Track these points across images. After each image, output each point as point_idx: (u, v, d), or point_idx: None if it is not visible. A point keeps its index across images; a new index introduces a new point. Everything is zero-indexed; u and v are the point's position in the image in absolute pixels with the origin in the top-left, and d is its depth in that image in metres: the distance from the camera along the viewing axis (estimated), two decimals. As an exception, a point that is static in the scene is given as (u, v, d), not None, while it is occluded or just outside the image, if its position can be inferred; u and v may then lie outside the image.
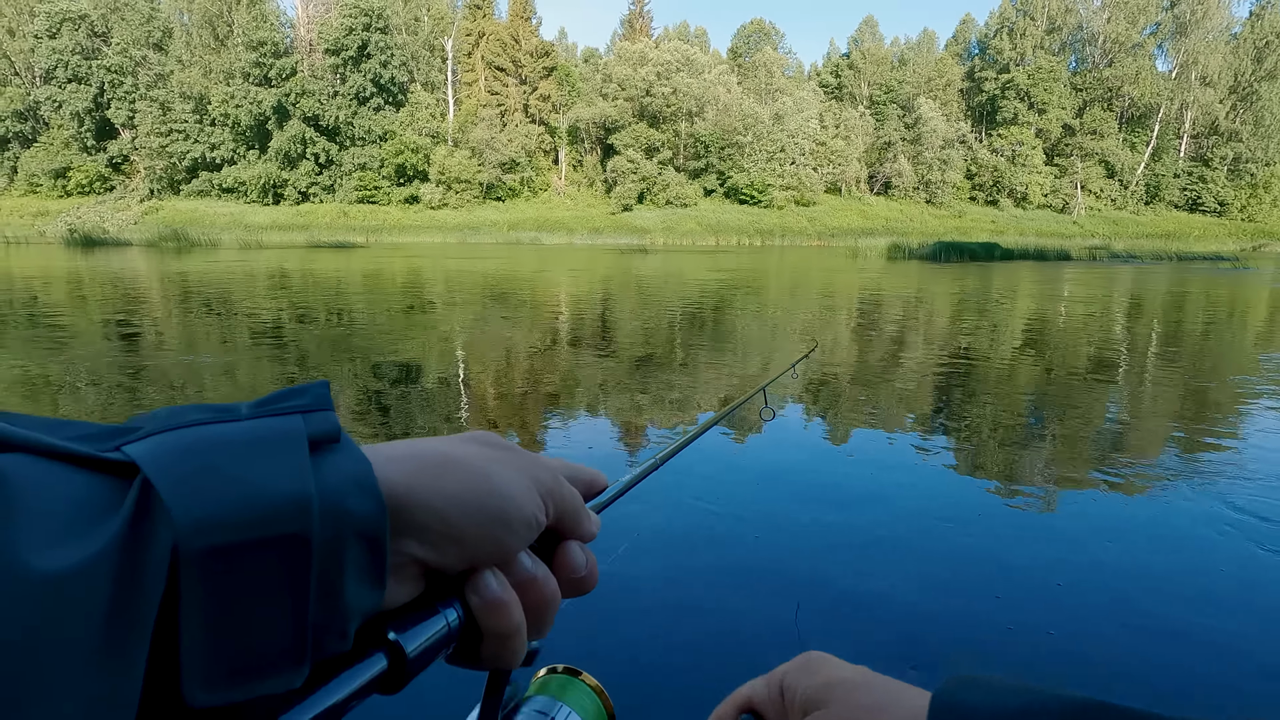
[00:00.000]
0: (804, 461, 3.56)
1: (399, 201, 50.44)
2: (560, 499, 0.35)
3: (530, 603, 0.33)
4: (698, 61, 52.92)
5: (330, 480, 0.25)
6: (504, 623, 0.31)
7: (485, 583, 0.31)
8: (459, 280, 15.08)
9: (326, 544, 0.24)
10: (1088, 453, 3.72)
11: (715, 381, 5.36)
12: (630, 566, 2.37)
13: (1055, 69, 57.48)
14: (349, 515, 0.25)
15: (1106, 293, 14.06)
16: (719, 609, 2.14)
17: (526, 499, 0.33)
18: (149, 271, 16.32)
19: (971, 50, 64.21)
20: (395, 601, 0.29)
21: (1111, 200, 59.64)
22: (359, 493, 0.26)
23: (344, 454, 0.26)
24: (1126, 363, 6.42)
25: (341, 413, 4.43)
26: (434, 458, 0.30)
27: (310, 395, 0.28)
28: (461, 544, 0.30)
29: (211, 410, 0.25)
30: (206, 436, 0.24)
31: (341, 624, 0.25)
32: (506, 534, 0.31)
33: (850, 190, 57.56)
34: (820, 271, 19.87)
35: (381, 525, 0.26)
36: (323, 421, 0.26)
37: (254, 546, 0.22)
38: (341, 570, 0.25)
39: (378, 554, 0.26)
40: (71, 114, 49.05)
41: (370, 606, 0.27)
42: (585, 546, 0.37)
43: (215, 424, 0.25)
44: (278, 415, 0.26)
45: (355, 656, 0.26)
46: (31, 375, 5.27)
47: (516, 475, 0.33)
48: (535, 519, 0.33)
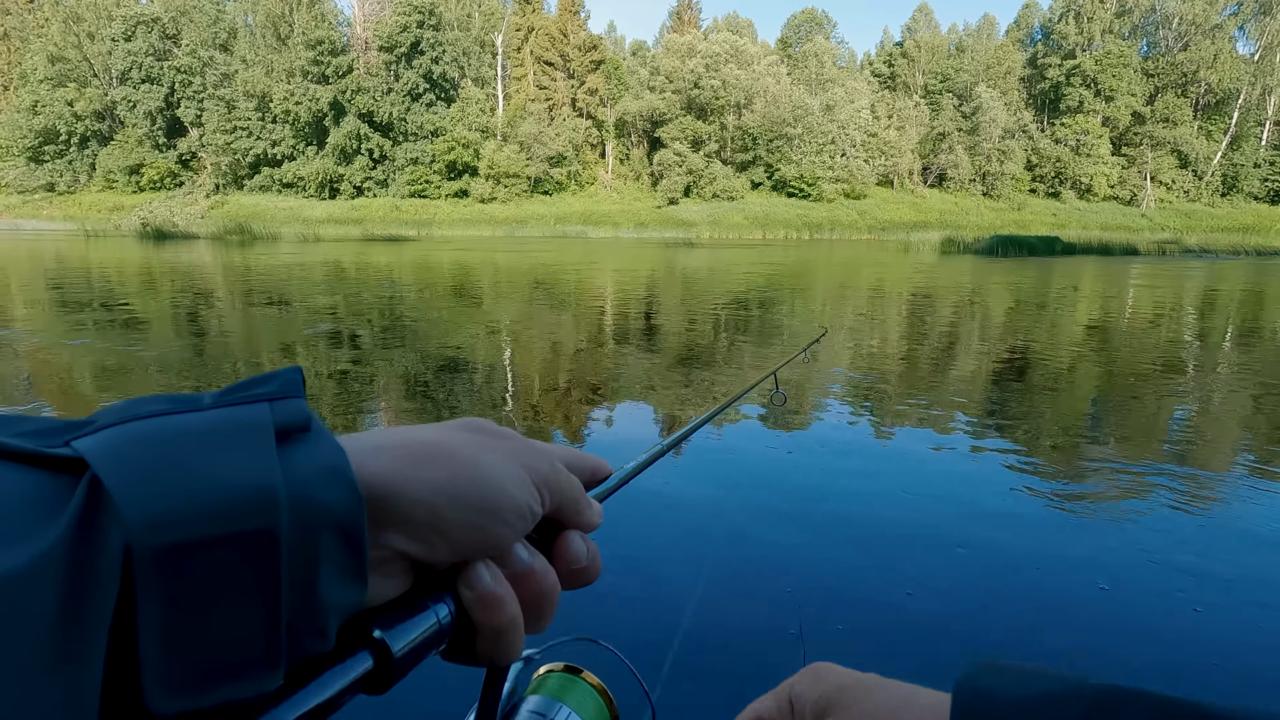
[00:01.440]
0: (825, 455, 3.48)
1: (449, 196, 51.42)
2: (558, 487, 0.34)
3: (527, 595, 0.31)
4: (747, 52, 52.28)
5: (299, 471, 0.24)
6: (498, 617, 0.30)
7: (478, 576, 0.30)
8: (507, 273, 15.30)
9: (297, 539, 0.23)
10: (1142, 460, 3.56)
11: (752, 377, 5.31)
12: (636, 560, 2.35)
13: (1125, 54, 54.69)
14: (321, 507, 0.24)
15: (1176, 290, 13.37)
16: (729, 607, 2.10)
17: (519, 488, 0.31)
18: (223, 263, 17.05)
19: (1034, 36, 61.65)
20: (382, 597, 0.28)
21: (1184, 192, 56.56)
22: (332, 483, 0.24)
23: (315, 443, 0.25)
24: (1195, 364, 6.10)
25: (394, 394, 4.56)
26: (418, 446, 0.29)
27: (278, 382, 0.26)
28: (449, 536, 0.29)
29: (171, 401, 0.24)
30: (162, 429, 0.23)
31: (320, 622, 0.24)
32: (497, 525, 0.30)
33: (903, 182, 56.10)
34: (870, 266, 19.44)
35: (358, 517, 0.25)
36: (291, 410, 0.25)
37: (213, 544, 0.21)
38: (316, 566, 0.24)
39: (356, 548, 0.25)
40: (144, 113, 51.50)
41: (352, 603, 0.25)
42: (587, 536, 0.35)
43: (172, 415, 0.23)
44: (241, 404, 0.25)
45: (338, 656, 0.25)
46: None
47: (508, 463, 0.31)
48: (529, 509, 0.31)
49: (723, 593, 2.18)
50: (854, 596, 2.19)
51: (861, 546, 2.52)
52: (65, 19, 51.07)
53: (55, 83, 50.86)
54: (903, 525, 2.68)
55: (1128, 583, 2.28)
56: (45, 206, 50.12)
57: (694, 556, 2.42)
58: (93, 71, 52.20)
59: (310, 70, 50.18)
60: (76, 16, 51.29)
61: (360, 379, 5.13)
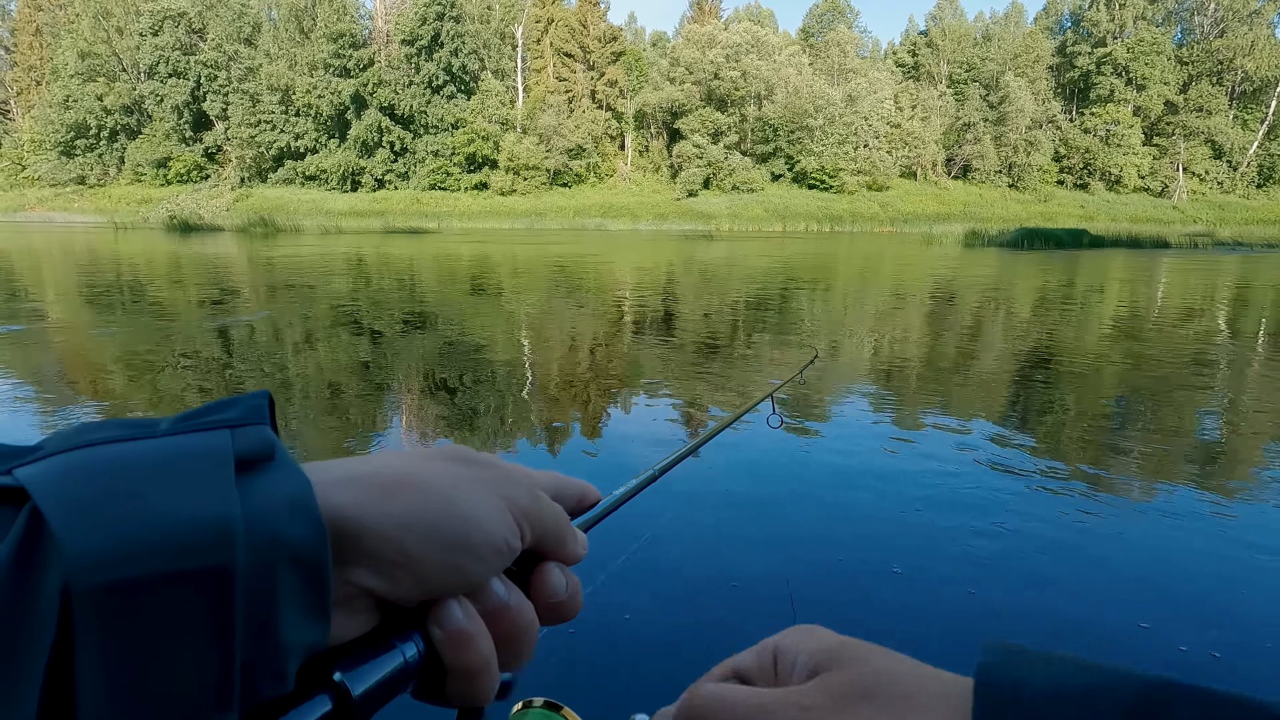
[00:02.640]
0: (826, 475, 3.25)
1: (469, 188, 51.64)
2: (539, 520, 0.31)
3: (501, 632, 0.29)
4: (768, 43, 51.73)
5: (260, 503, 0.22)
6: (470, 657, 0.28)
7: (448, 613, 0.28)
8: (527, 265, 15.33)
9: (255, 575, 0.21)
10: (1168, 469, 3.47)
11: (770, 376, 5.27)
12: (622, 590, 2.19)
13: (1159, 41, 53.23)
14: (281, 541, 0.22)
15: (1209, 283, 13.03)
16: (719, 643, 1.96)
17: (495, 522, 0.29)
18: (250, 255, 17.31)
19: (1064, 23, 60.25)
20: (346, 635, 0.26)
21: (1218, 183, 55.03)
22: (293, 516, 0.23)
23: (278, 473, 0.23)
24: (1226, 363, 5.94)
25: (415, 392, 4.59)
26: (386, 477, 0.27)
27: (241, 407, 0.25)
28: (418, 573, 0.27)
29: (125, 426, 0.23)
30: (111, 456, 0.21)
31: (278, 663, 0.22)
32: (471, 561, 0.28)
33: (926, 174, 55.25)
34: (891, 260, 19.20)
35: (320, 551, 0.23)
36: (253, 437, 0.23)
37: (161, 582, 0.19)
38: (274, 604, 0.22)
39: (318, 584, 0.23)
40: (171, 107, 52.29)
41: (312, 641, 0.24)
42: (567, 569, 0.33)
43: (124, 442, 0.22)
44: (199, 431, 0.23)
45: (296, 699, 0.23)
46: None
47: (485, 495, 0.29)
48: (506, 544, 0.29)
49: (720, 626, 2.03)
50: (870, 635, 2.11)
51: (878, 577, 2.32)
52: (95, 14, 51.93)
53: (85, 77, 51.81)
54: (924, 555, 2.47)
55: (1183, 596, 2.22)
56: (76, 199, 51.21)
57: (689, 587, 2.26)
58: (121, 66, 53.07)
59: (332, 63, 50.59)
60: (106, 12, 52.14)
61: (379, 368, 5.17)
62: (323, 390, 4.68)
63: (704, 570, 2.34)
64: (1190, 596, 2.20)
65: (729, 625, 2.02)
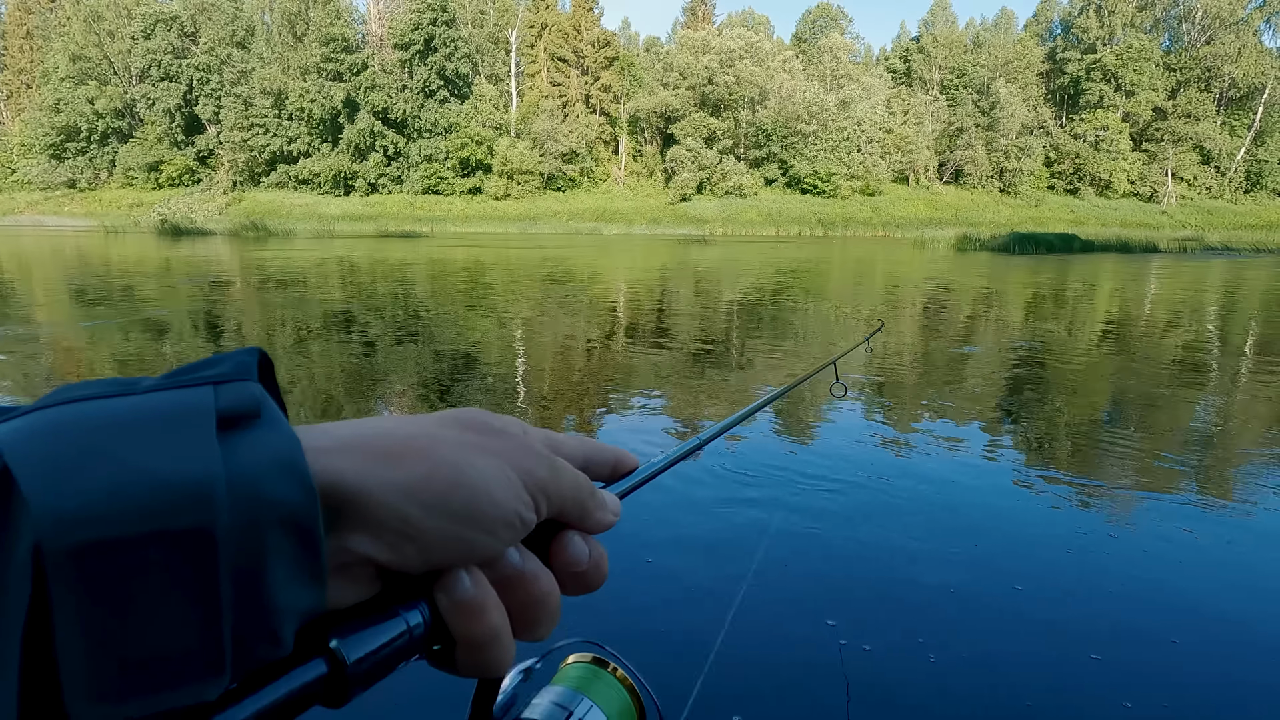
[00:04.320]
0: (870, 459, 3.34)
1: (463, 192, 51.59)
2: (558, 491, 0.30)
3: (517, 602, 0.28)
4: (761, 48, 51.99)
5: (244, 462, 0.21)
6: (478, 628, 0.27)
7: (456, 580, 0.27)
8: (521, 269, 15.32)
9: (240, 536, 0.21)
10: (1178, 471, 3.49)
11: (771, 376, 5.28)
12: (664, 565, 2.28)
13: (1147, 48, 53.79)
14: (268, 502, 0.21)
15: (1199, 288, 13.14)
16: (766, 627, 1.98)
17: (506, 494, 0.28)
18: (248, 259, 17.23)
19: (1054, 30, 60.80)
20: (348, 602, 0.25)
21: (1206, 188, 55.57)
22: (280, 476, 0.22)
23: (265, 431, 0.22)
24: (1247, 367, 5.99)
25: (411, 387, 4.57)
26: (391, 442, 0.26)
27: (229, 364, 0.24)
28: (422, 544, 0.26)
29: (105, 384, 0.22)
30: (86, 414, 0.20)
31: (271, 626, 0.22)
32: (479, 534, 0.27)
33: (919, 179, 55.57)
34: (884, 263, 19.29)
35: (310, 513, 0.22)
36: (239, 393, 0.22)
37: (137, 542, 0.19)
38: (263, 566, 0.21)
39: (310, 546, 0.22)
40: (163, 111, 52.08)
41: (309, 605, 0.23)
42: (591, 538, 0.32)
43: (101, 399, 0.21)
44: (182, 387, 0.22)
45: (291, 663, 0.23)
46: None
47: (497, 466, 0.28)
48: (518, 517, 0.28)
49: (761, 608, 2.05)
50: (908, 626, 1.98)
51: (927, 561, 2.31)
52: (86, 17, 51.70)
53: (76, 81, 51.54)
54: (965, 548, 2.43)
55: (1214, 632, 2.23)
56: (67, 203, 50.87)
57: (729, 565, 2.28)
58: (113, 69, 52.84)
59: (325, 68, 50.51)
60: (97, 15, 51.91)
61: (373, 370, 5.15)
62: (317, 395, 4.66)
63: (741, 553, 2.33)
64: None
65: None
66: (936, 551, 2.43)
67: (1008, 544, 2.53)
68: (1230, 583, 2.26)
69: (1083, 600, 2.15)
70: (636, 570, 2.25)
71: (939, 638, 1.93)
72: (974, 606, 2.10)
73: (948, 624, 2.01)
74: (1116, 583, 2.25)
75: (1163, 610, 2.10)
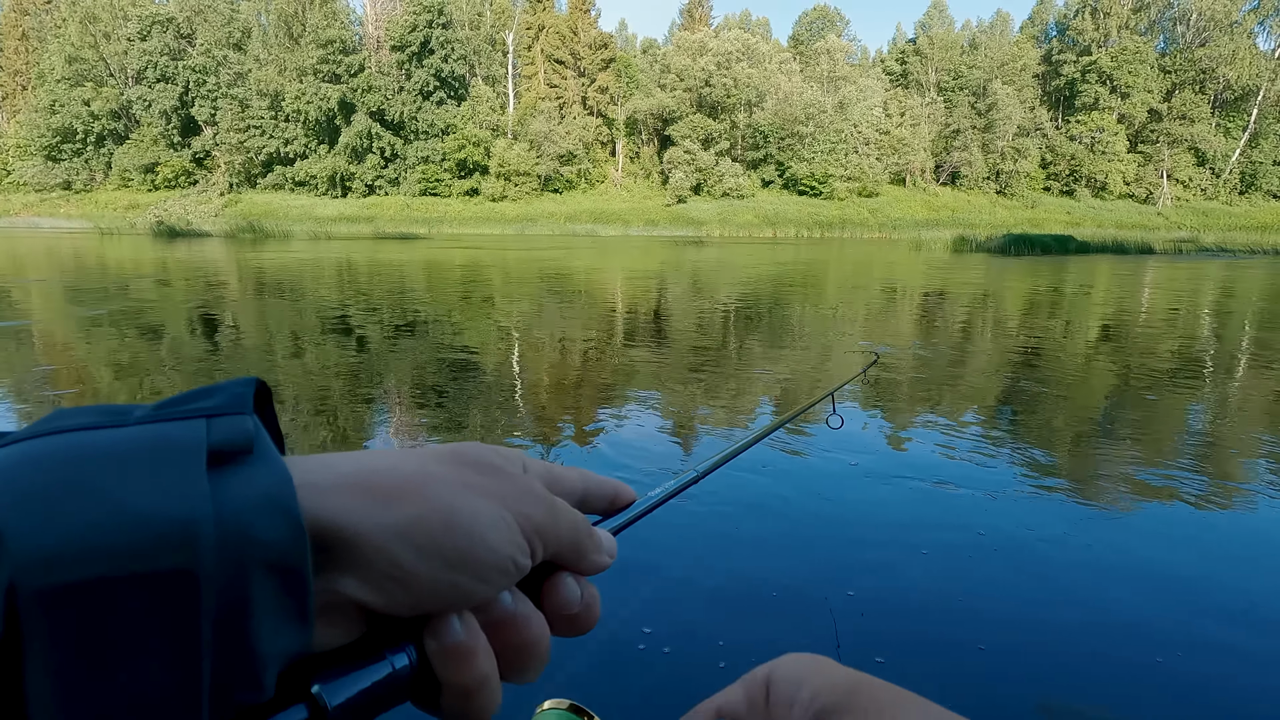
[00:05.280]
0: (866, 492, 3.12)
1: (460, 194, 51.57)
2: (555, 536, 0.29)
3: (505, 646, 0.27)
4: (758, 50, 52.06)
5: (232, 500, 0.20)
6: (466, 674, 0.26)
7: (446, 626, 0.25)
8: (518, 271, 15.31)
9: (226, 578, 0.20)
10: (1186, 478, 3.49)
11: (768, 389, 5.27)
12: (664, 599, 2.16)
13: (1142, 50, 53.98)
14: (255, 542, 0.20)
15: (1195, 289, 13.17)
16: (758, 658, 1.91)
17: (502, 539, 0.26)
18: (244, 261, 17.18)
19: (1049, 32, 61.00)
20: (333, 644, 0.24)
21: (1201, 190, 55.78)
22: (270, 516, 0.21)
23: (256, 468, 0.21)
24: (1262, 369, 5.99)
25: (403, 396, 4.56)
26: (385, 482, 0.25)
27: (222, 395, 0.23)
28: (412, 588, 0.24)
29: (99, 413, 0.21)
30: (71, 446, 0.19)
31: (253, 671, 0.21)
32: (471, 581, 0.26)
33: (915, 180, 55.69)
34: (881, 265, 19.31)
35: (298, 555, 0.21)
36: (231, 428, 0.21)
37: (116, 585, 0.18)
38: (248, 609, 0.20)
39: (297, 589, 0.21)
40: (160, 112, 51.99)
41: (292, 649, 0.22)
42: (584, 580, 0.31)
43: (88, 430, 0.20)
44: (173, 420, 0.21)
45: (273, 709, 0.22)
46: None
47: (494, 509, 0.27)
48: (512, 562, 0.27)
49: (762, 642, 1.95)
50: (926, 670, 1.87)
51: (952, 616, 2.10)
52: (82, 19, 51.59)
53: (72, 82, 51.43)
54: (980, 585, 2.28)
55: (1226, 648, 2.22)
56: (62, 204, 50.74)
57: (732, 598, 2.17)
58: (109, 71, 52.73)
59: (322, 69, 50.46)
60: (93, 16, 51.81)
61: (370, 372, 5.14)
62: (311, 399, 4.64)
63: (740, 584, 2.25)
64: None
65: (766, 643, 1.95)
66: (975, 606, 2.20)
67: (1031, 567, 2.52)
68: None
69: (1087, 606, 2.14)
70: (627, 613, 2.13)
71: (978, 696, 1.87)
72: (1020, 647, 2.09)
73: (996, 679, 1.93)
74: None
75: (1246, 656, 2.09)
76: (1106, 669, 1.83)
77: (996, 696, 1.74)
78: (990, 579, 2.29)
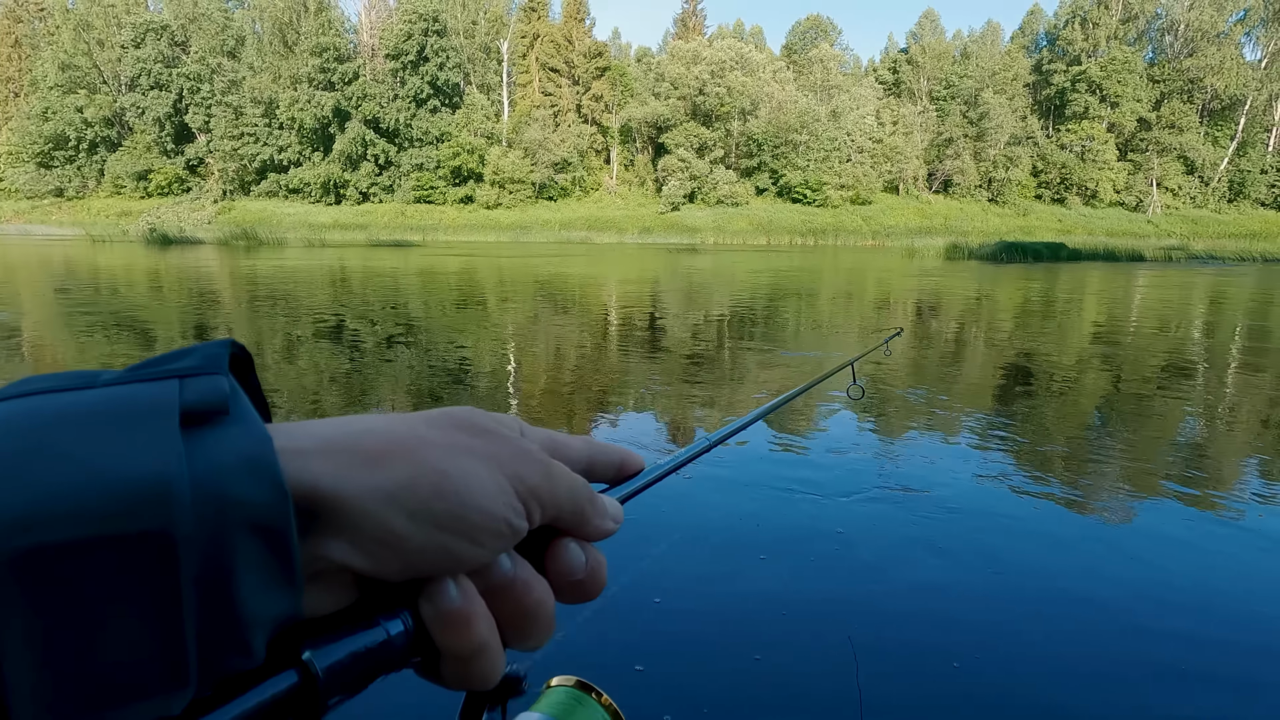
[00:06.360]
0: (883, 467, 3.18)
1: (454, 201, 51.58)
2: (552, 498, 0.28)
3: (506, 611, 0.27)
4: (752, 59, 52.38)
5: (209, 461, 0.20)
6: (463, 639, 0.25)
7: (442, 590, 0.25)
8: (512, 278, 15.30)
9: (205, 540, 0.19)
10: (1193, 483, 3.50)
11: (764, 385, 5.27)
12: (670, 570, 2.19)
13: (1131, 60, 54.58)
14: (235, 503, 0.20)
15: (1185, 296, 13.27)
16: (769, 634, 1.89)
17: (495, 501, 0.26)
18: (238, 269, 17.11)
19: (1039, 42, 61.62)
20: (325, 610, 0.24)
21: (1190, 198, 56.30)
22: (249, 476, 0.20)
23: (232, 429, 0.21)
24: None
25: (397, 403, 4.54)
26: (374, 443, 0.24)
27: (198, 356, 0.22)
28: (403, 553, 0.24)
29: (66, 378, 0.21)
30: (37, 409, 0.19)
31: (241, 635, 0.20)
32: (463, 544, 0.25)
33: (908, 188, 56.03)
34: (875, 272, 19.38)
35: (280, 515, 0.21)
36: (205, 388, 0.21)
37: (90, 547, 0.17)
38: (231, 571, 0.20)
39: (282, 551, 0.21)
40: (153, 119, 51.88)
41: (282, 613, 0.21)
42: (589, 545, 0.30)
43: (55, 393, 0.20)
44: (144, 381, 0.21)
45: (262, 675, 0.21)
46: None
47: (487, 471, 0.26)
48: (507, 525, 0.26)
49: (772, 616, 1.96)
50: (929, 646, 1.89)
51: (948, 585, 2.15)
52: (76, 26, 51.53)
53: (65, 89, 51.30)
54: (991, 571, 2.28)
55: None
56: (54, 212, 50.50)
57: (739, 571, 2.15)
58: (102, 78, 52.64)
59: (316, 77, 50.48)
60: (87, 24, 51.76)
61: (367, 382, 5.11)
62: (304, 404, 4.62)
63: (758, 576, 2.23)
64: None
65: (773, 636, 1.93)
66: (959, 579, 2.28)
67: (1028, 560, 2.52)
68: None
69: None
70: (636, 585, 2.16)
71: (967, 663, 1.85)
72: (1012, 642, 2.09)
73: (980, 655, 1.91)
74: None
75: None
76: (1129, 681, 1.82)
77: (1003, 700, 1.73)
78: (1002, 568, 2.29)
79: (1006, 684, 1.76)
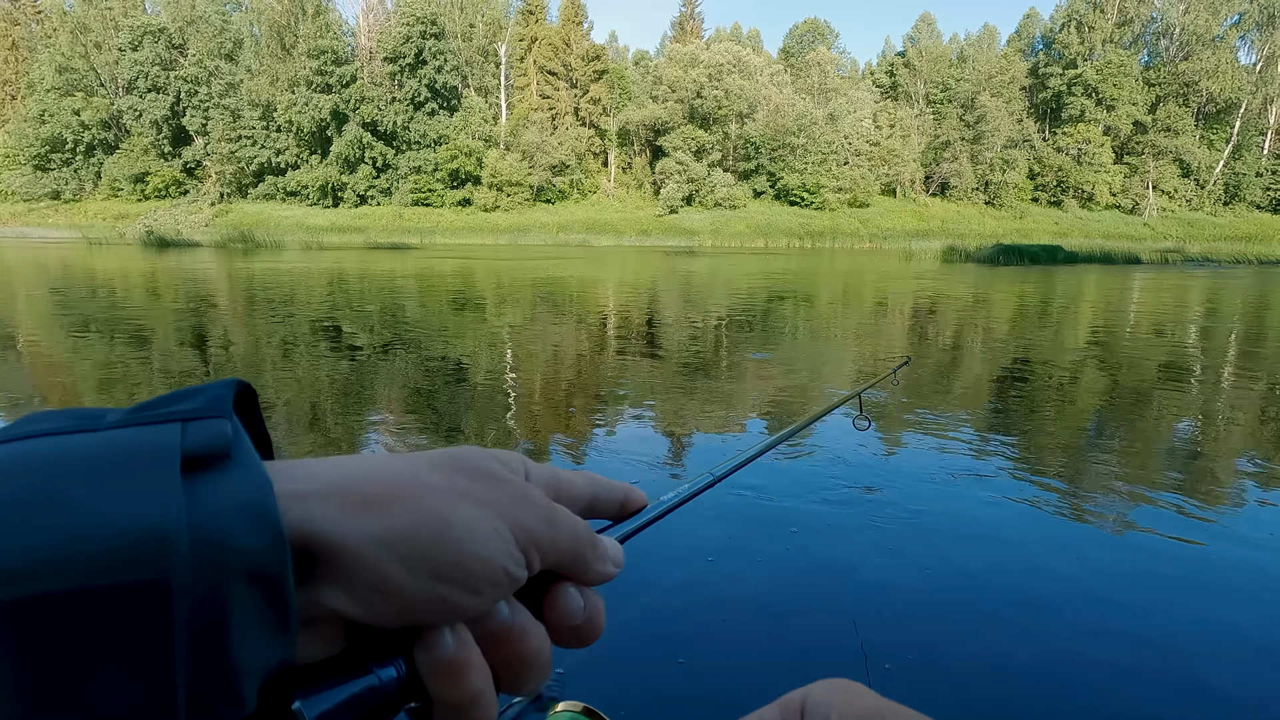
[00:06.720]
0: (892, 496, 3.05)
1: (452, 204, 51.58)
2: (553, 545, 0.27)
3: (501, 658, 0.26)
4: (749, 63, 52.51)
5: (209, 507, 0.19)
6: (459, 690, 0.24)
7: (438, 639, 0.24)
8: (510, 280, 15.30)
9: (201, 589, 0.19)
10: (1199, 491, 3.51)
11: (765, 392, 5.27)
12: (681, 601, 2.14)
13: (1126, 63, 54.84)
14: (233, 551, 0.19)
15: (1181, 299, 13.32)
16: (778, 669, 1.83)
17: (495, 551, 0.25)
18: (236, 273, 17.09)
19: (1036, 45, 61.87)
20: (317, 657, 0.23)
21: (1186, 201, 56.55)
22: (248, 523, 0.20)
23: (233, 474, 0.20)
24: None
25: (394, 407, 4.53)
26: (372, 489, 0.24)
27: (203, 398, 0.22)
28: (399, 601, 0.23)
29: (70, 417, 0.20)
30: (39, 452, 0.19)
31: (232, 685, 0.20)
32: (461, 593, 0.24)
33: (905, 191, 56.18)
34: (872, 274, 19.42)
35: (278, 564, 0.20)
36: (208, 432, 0.21)
37: (86, 597, 0.17)
38: (225, 620, 0.19)
39: (278, 599, 0.20)
40: (150, 122, 51.81)
41: (274, 662, 0.21)
42: (588, 590, 0.29)
43: (58, 435, 0.19)
44: (147, 424, 0.20)
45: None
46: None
47: (487, 518, 0.25)
48: (505, 574, 0.25)
49: (781, 652, 1.90)
50: (942, 673, 1.84)
51: (966, 627, 2.05)
52: (73, 29, 51.46)
53: (62, 92, 51.20)
54: (1012, 604, 2.19)
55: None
56: (51, 214, 50.38)
57: (754, 604, 2.13)
58: (99, 81, 52.55)
59: (314, 80, 50.48)
60: (84, 26, 51.69)
61: (363, 385, 5.11)
62: (301, 408, 4.61)
63: (761, 596, 2.21)
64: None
65: (784, 662, 1.89)
66: (989, 612, 2.18)
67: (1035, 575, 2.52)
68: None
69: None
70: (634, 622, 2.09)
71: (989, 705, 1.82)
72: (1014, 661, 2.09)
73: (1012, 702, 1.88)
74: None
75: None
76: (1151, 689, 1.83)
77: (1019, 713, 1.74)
78: (1016, 594, 2.30)
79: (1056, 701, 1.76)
